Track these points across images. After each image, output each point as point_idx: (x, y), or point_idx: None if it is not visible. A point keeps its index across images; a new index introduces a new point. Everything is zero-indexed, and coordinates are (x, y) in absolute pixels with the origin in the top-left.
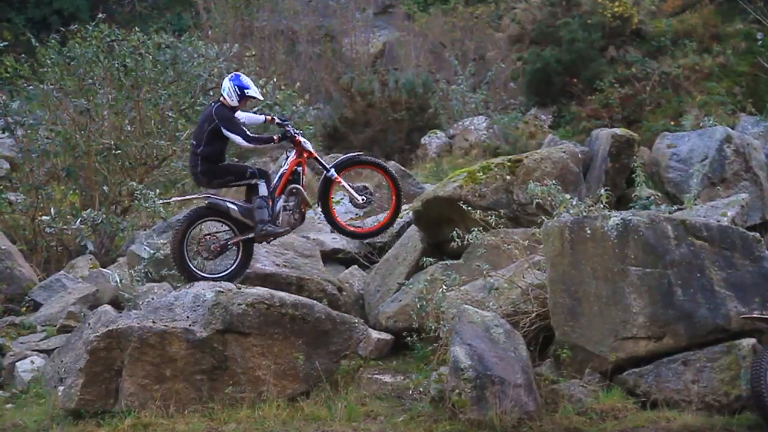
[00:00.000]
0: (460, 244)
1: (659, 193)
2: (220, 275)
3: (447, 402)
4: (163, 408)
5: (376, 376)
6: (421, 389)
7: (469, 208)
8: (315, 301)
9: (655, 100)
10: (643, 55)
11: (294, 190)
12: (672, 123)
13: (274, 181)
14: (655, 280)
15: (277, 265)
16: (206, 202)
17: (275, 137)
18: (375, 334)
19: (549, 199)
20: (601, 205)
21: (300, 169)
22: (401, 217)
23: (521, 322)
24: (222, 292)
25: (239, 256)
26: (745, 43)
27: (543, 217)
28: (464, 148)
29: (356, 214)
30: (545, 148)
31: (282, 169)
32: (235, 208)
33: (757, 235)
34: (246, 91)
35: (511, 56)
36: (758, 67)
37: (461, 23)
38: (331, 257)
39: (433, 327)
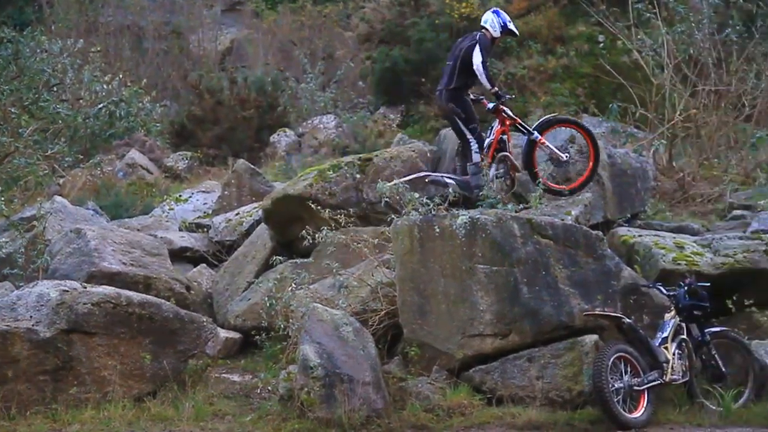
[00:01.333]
0: (309, 242)
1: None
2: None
3: (296, 400)
4: (4, 410)
5: (224, 375)
6: (269, 388)
7: (319, 206)
8: (163, 300)
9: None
10: None
11: (503, 158)
12: None
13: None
14: (502, 278)
15: (124, 263)
16: (426, 180)
17: (496, 88)
18: (223, 333)
19: (398, 197)
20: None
21: (505, 137)
22: (251, 215)
23: (370, 320)
24: (67, 291)
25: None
26: (587, 45)
27: (392, 216)
28: (314, 147)
29: None
30: (395, 147)
31: (488, 140)
32: (453, 182)
33: (600, 233)
34: (508, 24)
35: (360, 55)
36: (600, 69)
37: (309, 22)
38: (179, 256)
39: (282, 326)
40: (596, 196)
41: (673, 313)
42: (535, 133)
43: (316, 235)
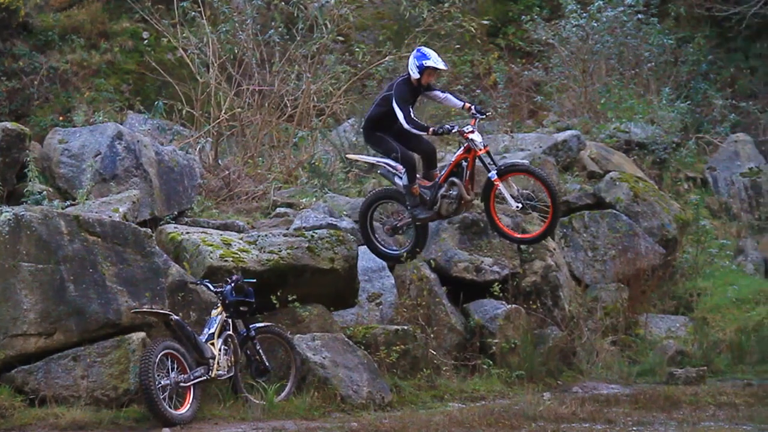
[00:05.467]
0: None
1: (51, 189)
2: (395, 252)
3: None
4: None
5: None
6: None
7: None
8: None
9: (43, 95)
10: (30, 48)
11: (453, 183)
12: (61, 118)
13: (443, 171)
14: (48, 275)
15: None
16: (378, 171)
17: (430, 129)
18: None
19: None
20: None
21: (465, 164)
22: None
23: None
24: None
25: (415, 235)
26: (132, 41)
27: None
28: None
29: None
30: None
31: (450, 160)
32: (401, 184)
33: (149, 230)
34: (425, 62)
35: None
36: (145, 66)
37: None
38: None
39: None
40: (144, 193)
41: (219, 309)
42: (494, 173)
43: None
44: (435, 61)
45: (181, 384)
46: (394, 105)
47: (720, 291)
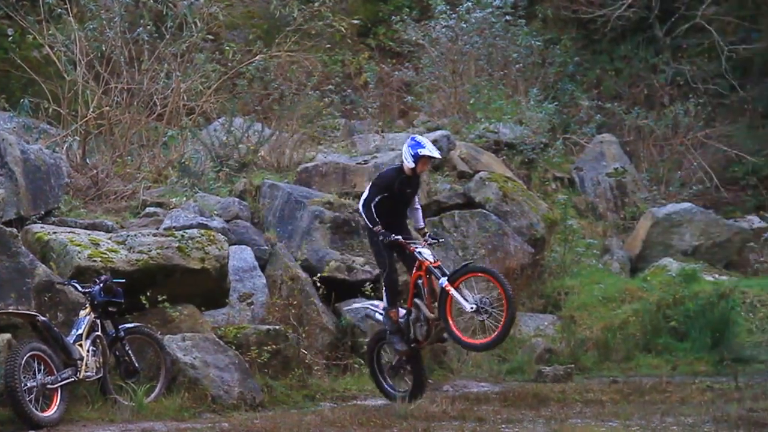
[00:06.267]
0: None
1: None
2: (398, 393)
3: None
4: None
5: None
6: None
7: None
8: None
9: None
10: None
11: (416, 305)
12: None
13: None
14: None
15: None
16: (364, 314)
17: (378, 228)
18: None
19: None
20: None
21: (421, 282)
22: None
23: None
24: None
25: (412, 374)
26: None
27: None
28: None
29: None
30: None
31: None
32: (381, 319)
33: (14, 230)
34: (419, 150)
35: None
36: (10, 63)
37: None
38: None
39: None
40: (9, 192)
41: (88, 310)
42: (443, 280)
43: None
44: (430, 150)
45: (48, 386)
46: (368, 187)
47: (587, 290)
